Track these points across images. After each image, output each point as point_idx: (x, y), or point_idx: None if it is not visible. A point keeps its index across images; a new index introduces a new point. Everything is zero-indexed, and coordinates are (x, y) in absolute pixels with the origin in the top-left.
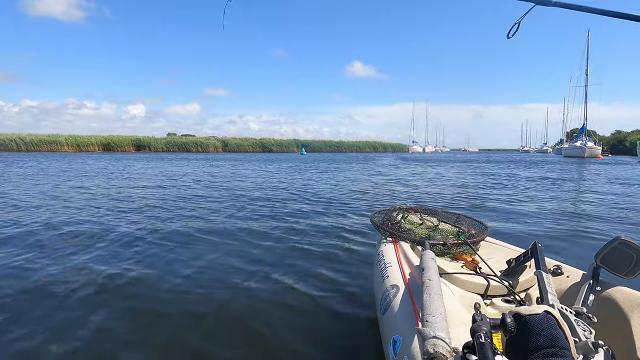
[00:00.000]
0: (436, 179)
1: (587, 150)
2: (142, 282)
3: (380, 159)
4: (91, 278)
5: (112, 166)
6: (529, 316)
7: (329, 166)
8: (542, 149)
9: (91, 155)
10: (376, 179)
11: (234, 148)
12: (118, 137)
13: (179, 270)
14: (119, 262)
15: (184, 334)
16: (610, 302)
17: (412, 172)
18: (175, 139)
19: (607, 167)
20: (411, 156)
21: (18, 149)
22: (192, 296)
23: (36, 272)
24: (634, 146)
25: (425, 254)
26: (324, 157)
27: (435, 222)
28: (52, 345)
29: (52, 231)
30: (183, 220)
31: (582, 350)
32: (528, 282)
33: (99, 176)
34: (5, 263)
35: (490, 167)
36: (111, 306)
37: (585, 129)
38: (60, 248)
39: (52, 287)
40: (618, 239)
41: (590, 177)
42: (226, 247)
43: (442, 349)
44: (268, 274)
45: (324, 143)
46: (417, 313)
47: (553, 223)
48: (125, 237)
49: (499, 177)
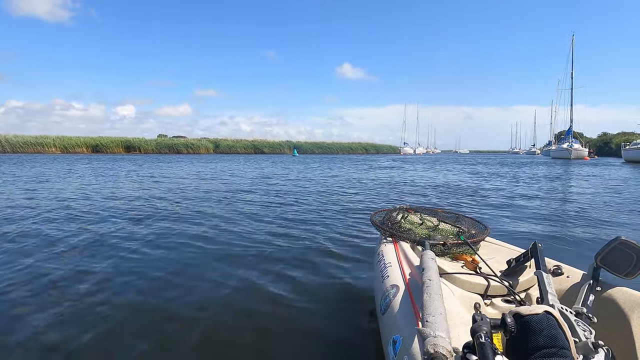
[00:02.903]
0: (434, 179)
1: (573, 152)
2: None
3: (374, 160)
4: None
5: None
6: (529, 316)
7: (323, 166)
8: (531, 150)
9: (71, 158)
10: (374, 179)
11: (226, 150)
12: (107, 138)
13: (180, 269)
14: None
15: (180, 336)
16: (610, 302)
17: (404, 173)
18: (166, 141)
19: (592, 168)
20: (402, 157)
21: (3, 150)
22: (189, 298)
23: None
24: (619, 148)
25: (426, 254)
26: (316, 158)
27: (435, 222)
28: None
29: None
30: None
31: (582, 350)
32: (528, 282)
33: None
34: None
35: (482, 167)
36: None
37: (572, 131)
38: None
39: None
40: (618, 239)
41: (573, 177)
42: (223, 248)
43: (443, 349)
44: (267, 274)
45: (316, 145)
46: (417, 313)
47: (551, 223)
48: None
49: (493, 177)
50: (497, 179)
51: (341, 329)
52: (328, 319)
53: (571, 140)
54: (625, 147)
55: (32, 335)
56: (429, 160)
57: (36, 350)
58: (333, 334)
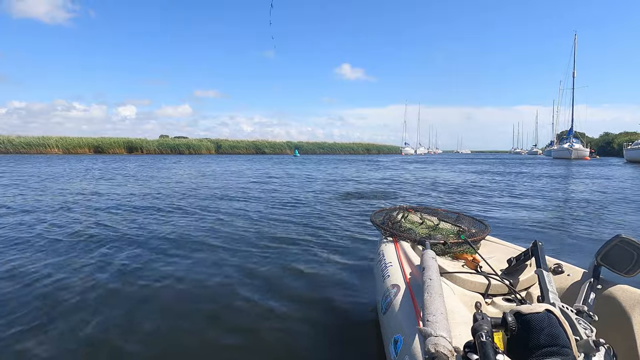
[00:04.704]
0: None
1: (574, 152)
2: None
3: (375, 160)
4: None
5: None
6: (530, 315)
7: (324, 167)
8: (532, 150)
9: (74, 158)
10: (374, 179)
11: (227, 150)
12: (109, 139)
13: (179, 268)
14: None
15: (179, 337)
16: (611, 300)
17: (407, 173)
18: (168, 141)
19: (593, 168)
20: (404, 158)
21: (6, 151)
22: (191, 296)
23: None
24: (621, 148)
25: (426, 253)
26: (318, 158)
27: (435, 221)
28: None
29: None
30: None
31: (583, 348)
32: (529, 281)
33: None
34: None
35: (485, 167)
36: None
37: (573, 131)
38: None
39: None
40: (618, 237)
41: (573, 177)
42: (221, 249)
43: (444, 348)
44: (267, 274)
45: (317, 145)
46: (418, 312)
47: (551, 221)
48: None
49: (494, 176)
50: (497, 178)
51: (342, 329)
52: (328, 318)
53: (572, 140)
54: (627, 147)
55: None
56: (429, 160)
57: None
58: (333, 333)
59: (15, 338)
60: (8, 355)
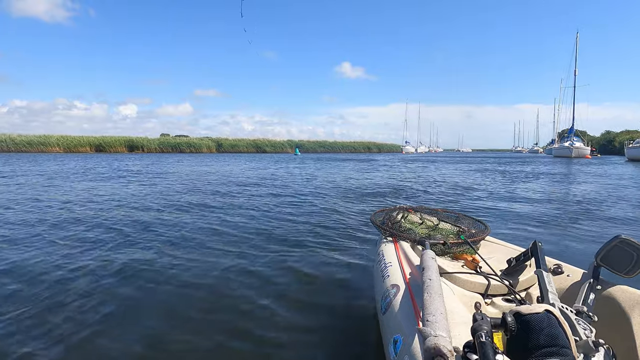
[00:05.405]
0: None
1: (574, 150)
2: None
3: (376, 159)
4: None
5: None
6: (530, 315)
7: (326, 166)
8: (533, 149)
9: (75, 156)
10: (375, 178)
11: (228, 149)
12: (110, 137)
13: (178, 268)
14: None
15: (178, 337)
16: (610, 300)
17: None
18: (169, 140)
19: (594, 166)
20: (405, 156)
21: (8, 149)
22: (185, 291)
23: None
24: (622, 146)
25: (426, 254)
26: (318, 157)
27: (435, 221)
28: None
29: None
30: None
31: (582, 349)
32: (528, 281)
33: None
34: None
35: (487, 165)
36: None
37: (574, 130)
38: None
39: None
40: (618, 237)
41: (573, 176)
42: (222, 247)
43: (443, 348)
44: (267, 274)
45: (317, 143)
46: (418, 312)
47: (551, 221)
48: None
49: (494, 175)
50: (498, 178)
51: (341, 329)
52: (328, 318)
53: (573, 138)
54: (628, 145)
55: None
56: (430, 159)
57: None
58: (333, 333)
59: (15, 338)
60: (9, 355)
